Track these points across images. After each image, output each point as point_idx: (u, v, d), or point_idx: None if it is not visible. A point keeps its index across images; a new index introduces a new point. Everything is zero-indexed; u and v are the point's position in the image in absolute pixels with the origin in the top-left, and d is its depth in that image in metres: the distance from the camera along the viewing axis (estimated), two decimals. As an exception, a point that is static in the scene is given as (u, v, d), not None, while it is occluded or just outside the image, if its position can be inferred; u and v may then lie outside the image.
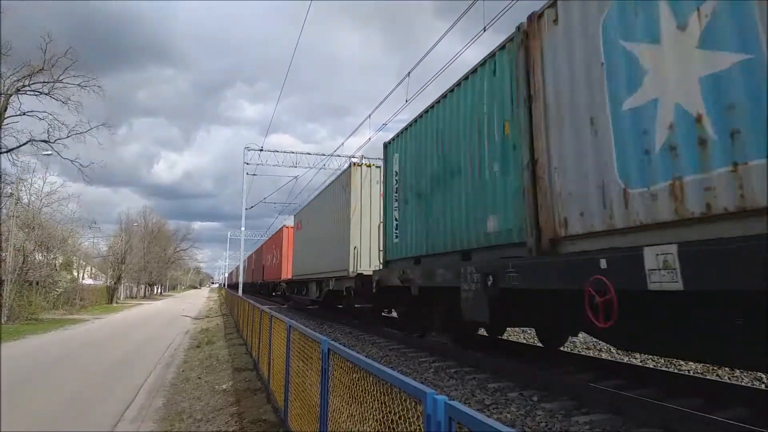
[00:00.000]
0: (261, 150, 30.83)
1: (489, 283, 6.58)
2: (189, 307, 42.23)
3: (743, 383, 7.59)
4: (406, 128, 10.78)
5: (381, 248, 11.85)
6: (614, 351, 10.65)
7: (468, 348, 9.23)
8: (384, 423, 2.63)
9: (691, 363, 8.74)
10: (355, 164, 15.43)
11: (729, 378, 8.02)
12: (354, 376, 3.21)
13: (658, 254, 4.19)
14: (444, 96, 9.04)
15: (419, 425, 2.18)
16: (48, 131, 27.73)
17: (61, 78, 27.44)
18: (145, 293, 70.01)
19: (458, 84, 8.49)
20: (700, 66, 4.22)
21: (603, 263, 4.75)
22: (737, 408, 5.32)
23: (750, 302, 4.12)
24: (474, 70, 7.95)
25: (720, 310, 4.52)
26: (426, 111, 9.80)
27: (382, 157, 12.30)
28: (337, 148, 36.00)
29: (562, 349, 10.45)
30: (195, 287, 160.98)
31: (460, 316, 7.36)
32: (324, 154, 31.23)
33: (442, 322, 9.24)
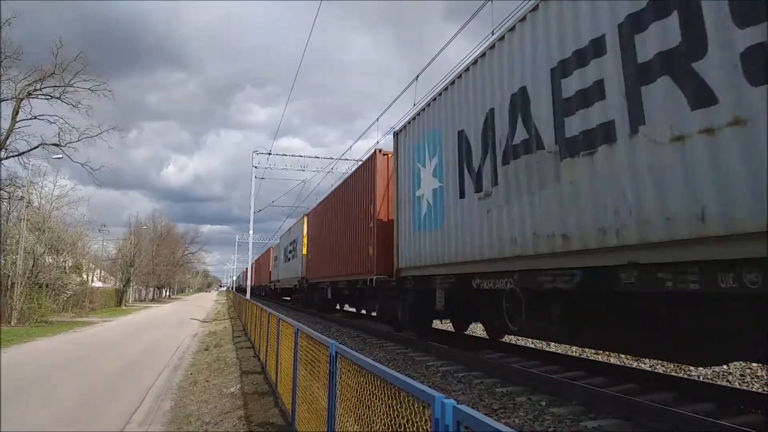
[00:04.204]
0: (269, 154, 30.96)
1: None
2: (197, 310, 42.39)
3: (754, 389, 7.51)
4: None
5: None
6: (623, 356, 10.58)
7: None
8: (392, 427, 2.63)
9: (700, 368, 8.66)
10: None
11: (739, 384, 7.94)
12: (361, 379, 3.21)
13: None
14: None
15: (427, 429, 2.17)
16: (59, 135, 27.99)
17: (71, 82, 27.69)
18: (153, 296, 70.33)
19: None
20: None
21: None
22: (748, 414, 5.27)
23: None
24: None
25: None
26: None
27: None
28: (345, 152, 36.12)
29: (570, 353, 10.40)
30: (203, 291, 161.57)
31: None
32: (332, 158, 31.35)
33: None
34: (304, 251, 25.36)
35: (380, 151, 13.80)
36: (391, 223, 12.20)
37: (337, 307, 23.36)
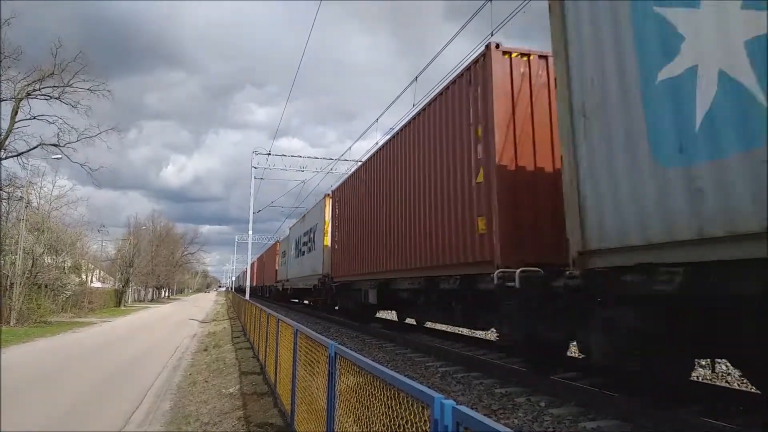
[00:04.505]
0: (269, 154, 31.01)
1: None
2: (196, 310, 42.36)
3: (753, 390, 7.52)
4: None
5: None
6: (622, 356, 10.57)
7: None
8: (391, 427, 2.63)
9: (699, 369, 8.67)
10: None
11: (738, 384, 7.94)
12: (361, 380, 3.21)
13: None
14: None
15: (426, 430, 2.18)
16: (58, 135, 28.02)
17: (70, 82, 27.72)
18: (152, 297, 70.27)
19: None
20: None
21: None
22: (747, 415, 5.28)
23: None
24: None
25: None
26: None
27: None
28: (344, 153, 36.18)
29: (569, 354, 10.39)
30: (203, 291, 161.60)
31: None
32: (331, 159, 31.37)
33: None
34: (327, 242, 19.82)
35: (497, 46, 7.89)
36: (524, 173, 7.51)
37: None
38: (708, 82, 4.11)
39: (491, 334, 12.07)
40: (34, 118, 27.39)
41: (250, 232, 34.01)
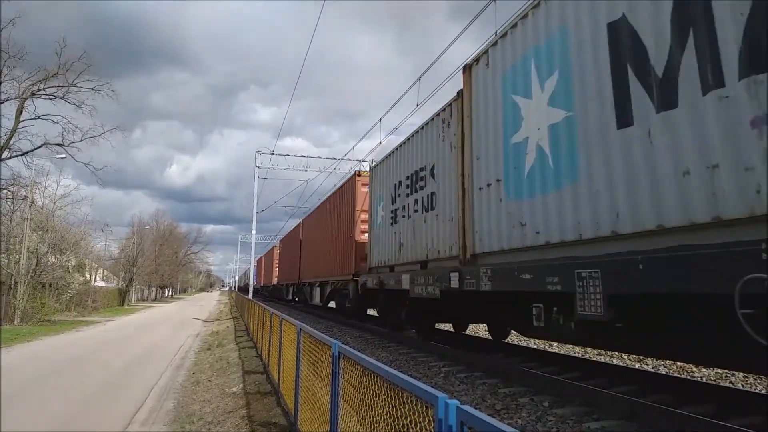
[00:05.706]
0: (272, 154, 31.01)
1: None
2: (200, 309, 42.43)
3: (756, 390, 7.49)
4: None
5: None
6: (626, 357, 10.57)
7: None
8: (395, 427, 2.63)
9: (703, 369, 8.65)
10: None
11: (742, 385, 7.92)
12: (364, 379, 3.21)
13: None
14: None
15: (430, 429, 2.17)
16: (62, 134, 28.01)
17: (75, 82, 27.72)
18: (156, 296, 70.41)
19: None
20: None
21: None
22: (750, 415, 5.26)
23: None
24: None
25: None
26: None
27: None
28: (348, 152, 36.18)
29: (573, 354, 10.38)
30: (206, 290, 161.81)
31: None
32: (334, 158, 31.36)
33: None
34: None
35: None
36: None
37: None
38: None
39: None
40: (39, 117, 27.40)
41: (254, 232, 34.05)
